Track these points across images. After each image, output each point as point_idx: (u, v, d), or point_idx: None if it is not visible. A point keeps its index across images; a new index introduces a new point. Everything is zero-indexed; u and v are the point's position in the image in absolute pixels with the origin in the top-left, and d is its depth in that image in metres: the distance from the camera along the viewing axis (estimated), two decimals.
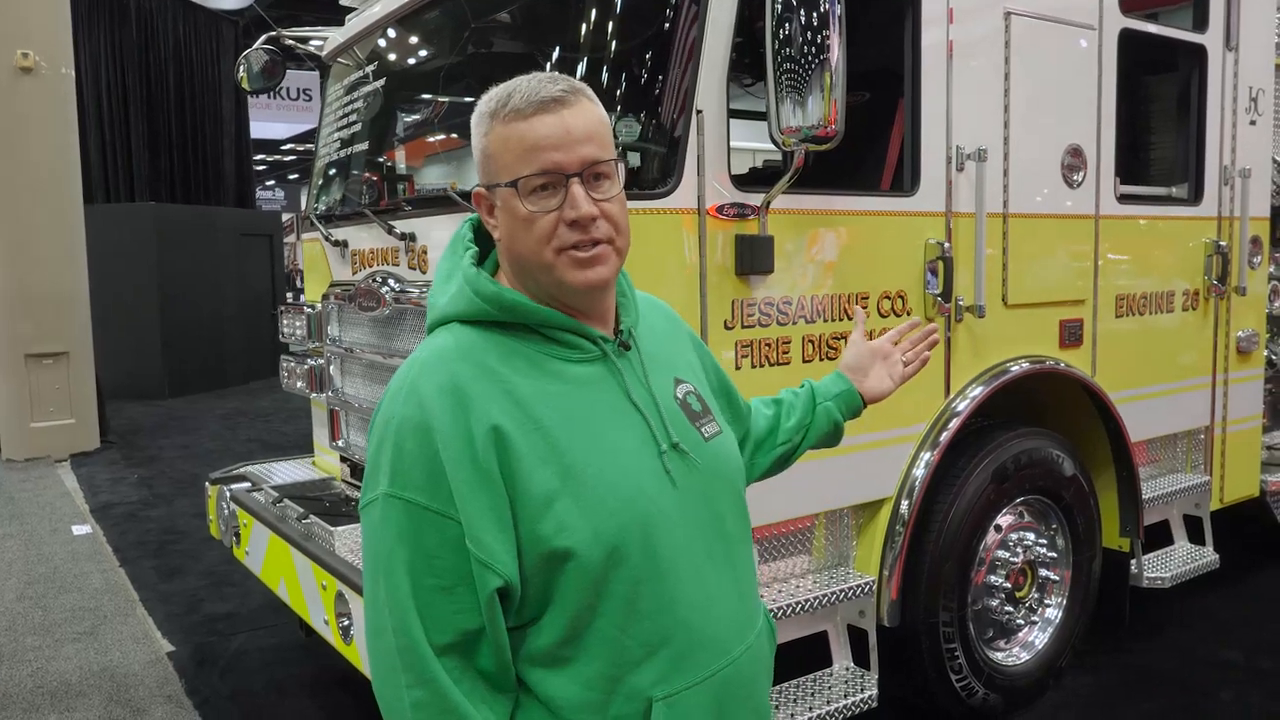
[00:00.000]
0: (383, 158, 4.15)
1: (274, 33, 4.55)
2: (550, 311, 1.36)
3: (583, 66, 2.99)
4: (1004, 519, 3.61)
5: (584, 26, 3.07)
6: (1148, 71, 4.43)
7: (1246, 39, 4.33)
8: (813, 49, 2.47)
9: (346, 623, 2.97)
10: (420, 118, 4.15)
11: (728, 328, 2.87)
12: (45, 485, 8.06)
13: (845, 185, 3.30)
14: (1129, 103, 4.14)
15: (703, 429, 1.46)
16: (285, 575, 3.47)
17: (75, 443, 9.18)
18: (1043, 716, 3.71)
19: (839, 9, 2.46)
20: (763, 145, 2.86)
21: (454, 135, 4.06)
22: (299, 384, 4.25)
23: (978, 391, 3.45)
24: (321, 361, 4.09)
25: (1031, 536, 3.71)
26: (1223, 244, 4.31)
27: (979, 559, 3.52)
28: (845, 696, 3.09)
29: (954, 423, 3.37)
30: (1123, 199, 3.95)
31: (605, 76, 2.96)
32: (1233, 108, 4.34)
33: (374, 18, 3.93)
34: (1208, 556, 4.30)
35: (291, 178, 34.53)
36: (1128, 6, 3.87)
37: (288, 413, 10.95)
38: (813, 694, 3.09)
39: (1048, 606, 3.79)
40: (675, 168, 2.75)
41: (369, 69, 4.07)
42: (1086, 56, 3.75)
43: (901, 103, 3.32)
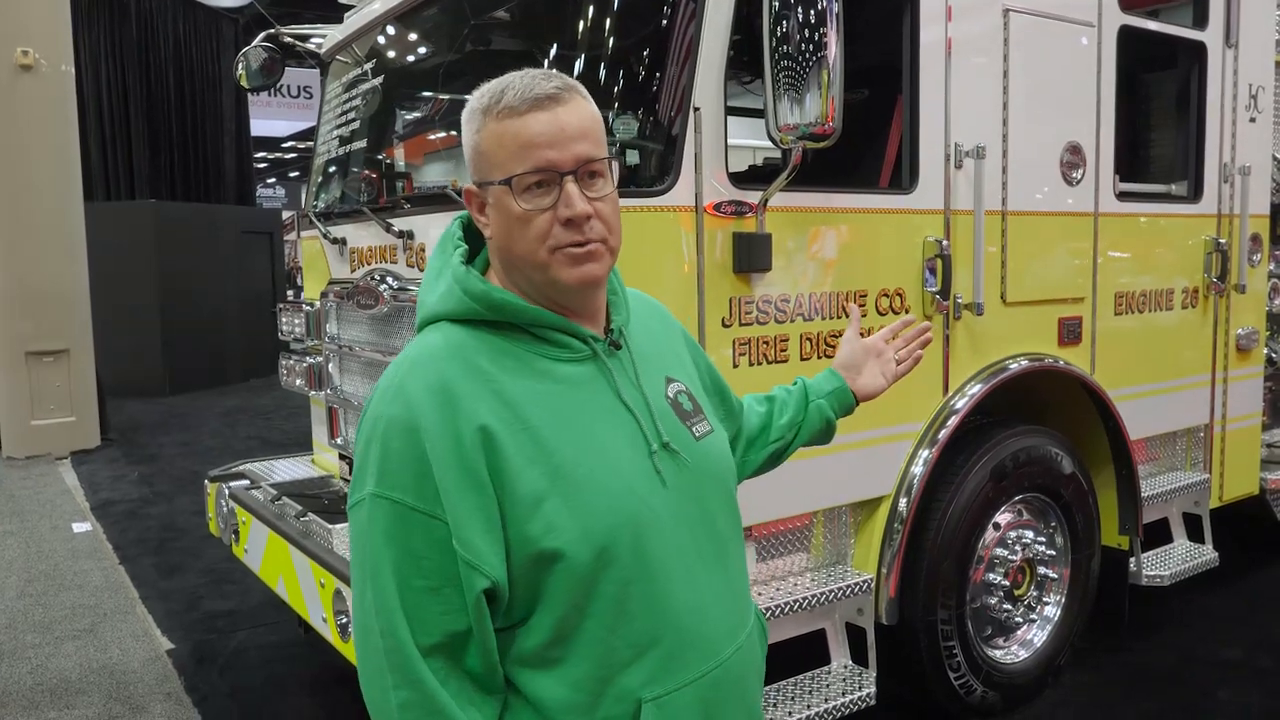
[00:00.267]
0: (381, 155, 4.15)
1: (273, 30, 4.54)
2: (540, 310, 1.35)
3: (581, 64, 2.99)
4: (1002, 517, 3.61)
5: (582, 24, 3.07)
6: (1147, 69, 4.42)
7: (1246, 36, 4.32)
8: (810, 46, 2.47)
9: (344, 620, 2.97)
10: (418, 115, 4.15)
11: (725, 325, 2.87)
12: (46, 483, 8.07)
13: (843, 183, 3.29)
14: (1128, 100, 4.14)
15: (694, 428, 1.45)
16: (284, 573, 3.47)
17: (76, 440, 9.19)
18: (1041, 715, 3.70)
19: (836, 6, 2.46)
20: (762, 143, 2.85)
21: (452, 133, 4.06)
22: (298, 382, 4.25)
23: (976, 389, 3.45)
24: (320, 359, 4.09)
25: (1030, 534, 3.70)
26: (1222, 241, 4.30)
27: (977, 557, 3.52)
28: (843, 694, 3.09)
29: (952, 420, 3.37)
30: (1122, 196, 3.94)
31: (603, 74, 2.96)
32: (1232, 105, 4.34)
33: (373, 15, 3.93)
34: (1207, 554, 4.30)
35: (292, 175, 34.49)
36: (1127, 4, 3.86)
37: (288, 410, 10.95)
38: (810, 692, 3.10)
39: (1046, 604, 3.79)
40: (673, 165, 2.74)
41: (367, 66, 4.06)
42: (1085, 54, 3.74)
43: (900, 100, 3.32)
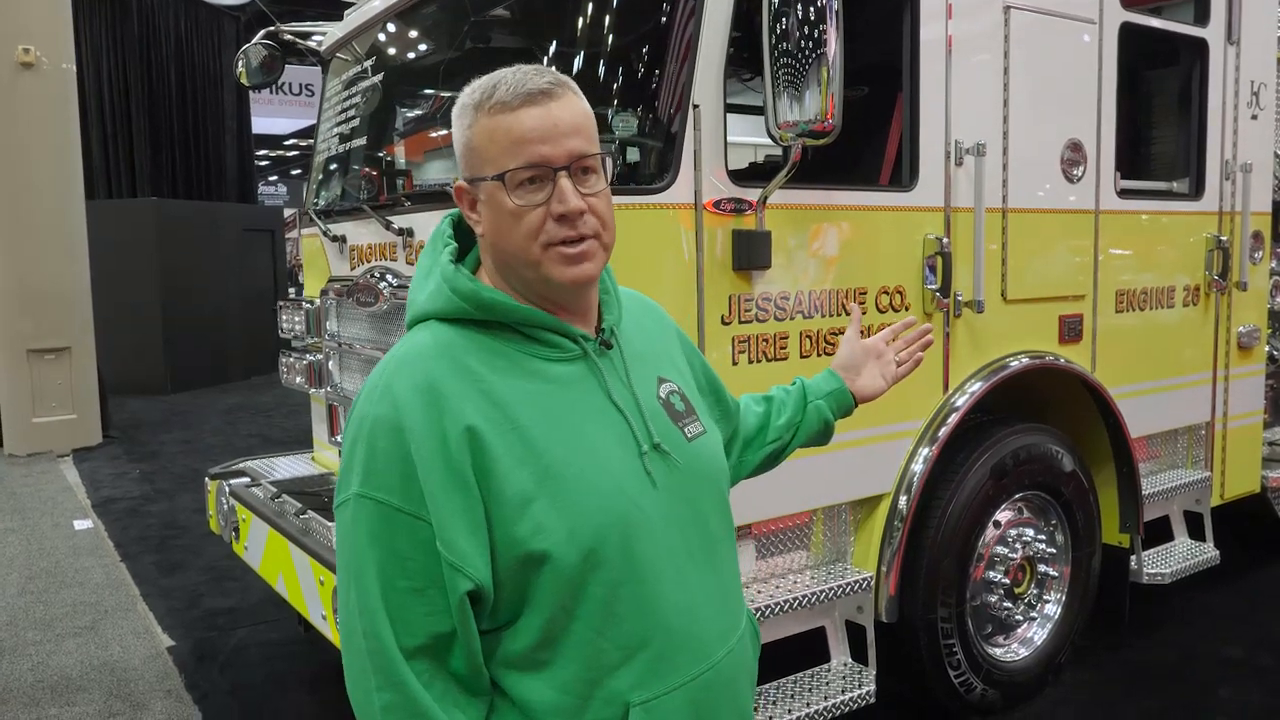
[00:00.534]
0: (381, 153, 4.15)
1: (273, 28, 4.54)
2: (530, 310, 1.33)
3: (580, 60, 2.98)
4: (1003, 515, 3.60)
5: (581, 21, 3.06)
6: (1148, 65, 4.41)
7: (1248, 33, 4.31)
8: (810, 43, 2.46)
9: None
10: (418, 113, 4.14)
11: (725, 323, 2.86)
12: (47, 480, 8.08)
13: (843, 180, 3.29)
14: (1130, 97, 4.13)
15: (685, 429, 1.43)
16: (284, 570, 3.47)
17: (77, 438, 9.20)
18: (1042, 713, 3.70)
19: (836, 3, 2.45)
20: (764, 140, 2.84)
21: (452, 130, 4.05)
22: (298, 379, 4.25)
23: (976, 387, 3.44)
24: (320, 357, 4.09)
25: (1031, 532, 3.70)
26: (1224, 239, 4.29)
27: (978, 555, 3.51)
28: (843, 692, 3.09)
29: (953, 418, 3.37)
30: (1123, 194, 3.94)
31: (602, 70, 2.96)
32: (1234, 102, 4.33)
33: (372, 12, 3.92)
34: (1208, 552, 4.29)
35: (294, 173, 34.49)
36: (1129, 1, 3.85)
37: (289, 408, 10.96)
38: (810, 690, 3.10)
39: (1047, 602, 3.79)
40: (672, 163, 2.74)
41: (367, 64, 4.06)
42: (1087, 51, 3.73)
43: (900, 97, 3.31)
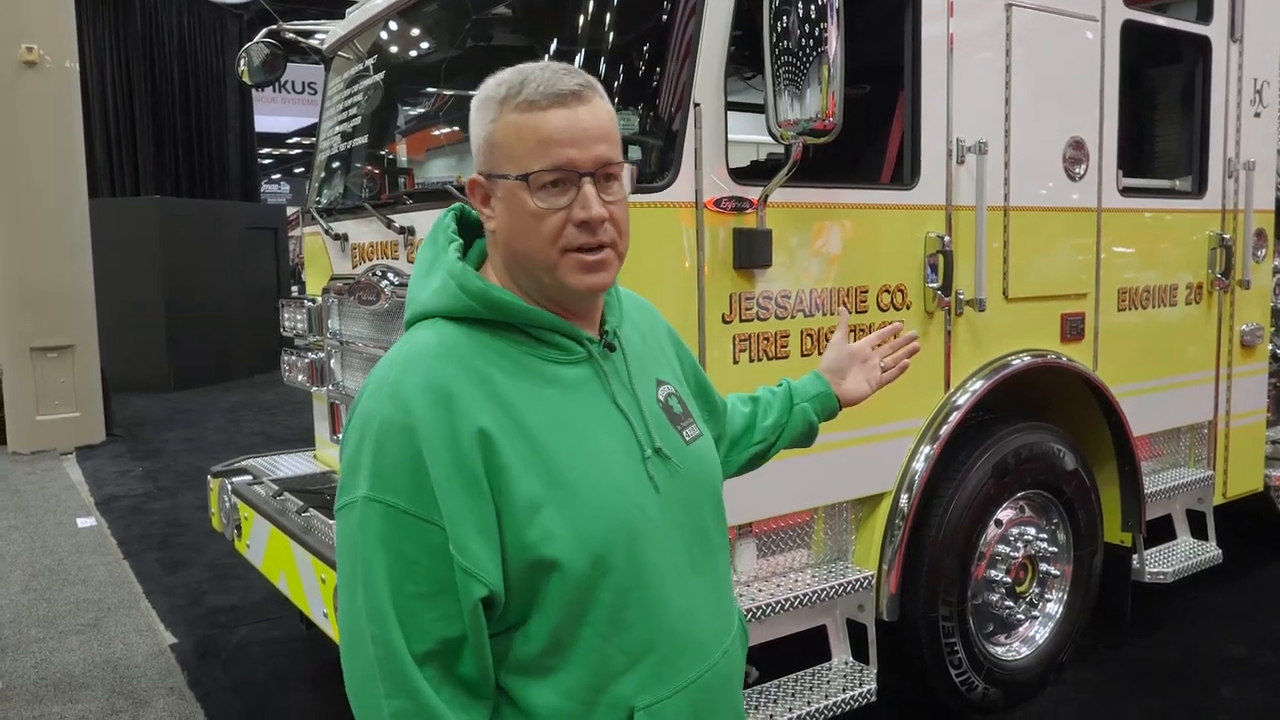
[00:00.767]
0: (383, 151, 4.15)
1: (275, 26, 4.54)
2: (540, 311, 1.31)
3: (581, 58, 2.98)
4: (1004, 514, 3.60)
5: (583, 18, 3.06)
6: (1151, 63, 4.40)
7: (1251, 30, 4.30)
8: (810, 41, 2.46)
9: None
10: (420, 111, 4.14)
11: (726, 321, 2.86)
12: (50, 478, 8.10)
13: (845, 178, 3.29)
14: (1132, 95, 4.12)
15: (684, 432, 1.43)
16: (285, 568, 3.48)
17: (80, 435, 9.22)
18: (1044, 712, 3.70)
19: (837, 1, 2.45)
20: (765, 138, 2.84)
21: (454, 129, 4.06)
22: (300, 377, 4.25)
23: (978, 385, 3.44)
24: (322, 355, 4.09)
25: (1032, 531, 3.70)
26: (1226, 237, 4.29)
27: (979, 554, 3.51)
28: (844, 691, 3.09)
29: (954, 417, 3.36)
30: (1125, 192, 3.93)
31: (604, 69, 2.95)
32: (1237, 100, 4.32)
33: (374, 11, 3.92)
34: (1210, 551, 4.29)
35: (297, 171, 34.51)
36: None
37: (292, 406, 10.97)
38: (811, 688, 3.09)
39: (1049, 601, 3.78)
40: (673, 161, 2.74)
41: (369, 62, 4.06)
42: (1089, 49, 3.73)
43: (902, 95, 3.30)
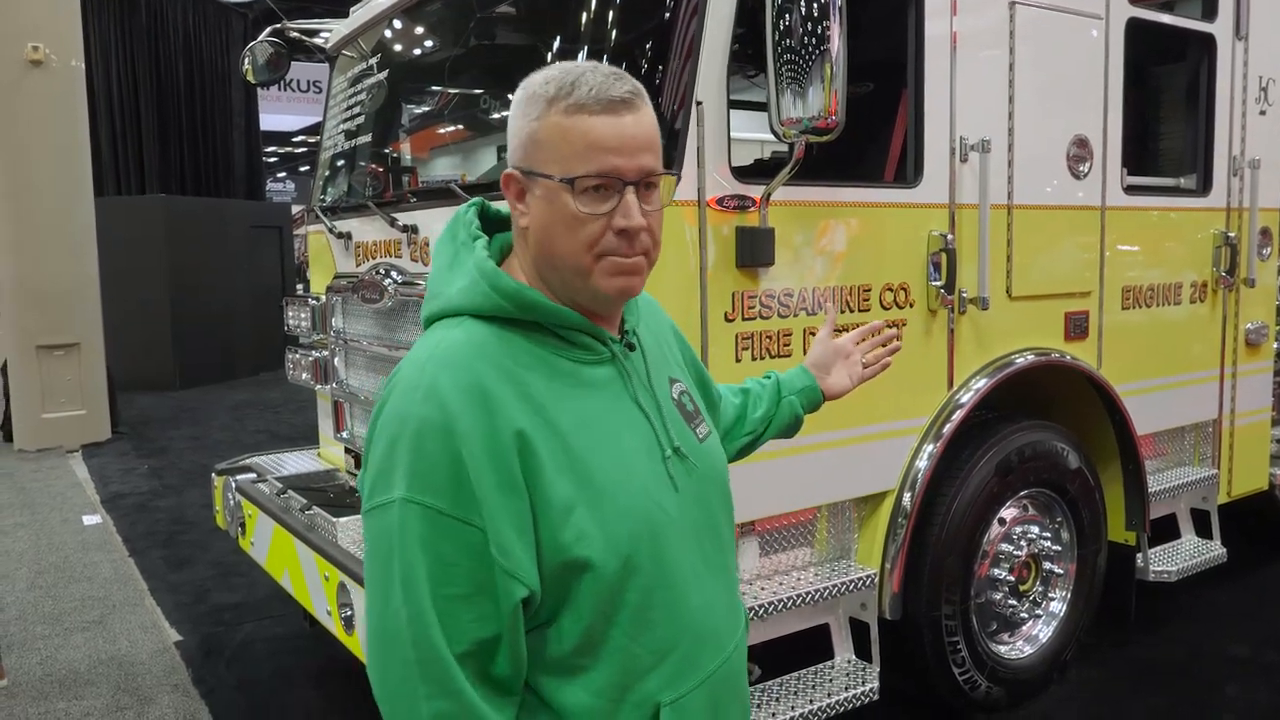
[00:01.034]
0: (387, 150, 4.16)
1: (279, 25, 4.55)
2: (569, 311, 1.31)
3: (583, 57, 2.98)
4: (1008, 512, 3.60)
5: (585, 17, 3.07)
6: (1156, 61, 4.39)
7: (1257, 28, 4.28)
8: (813, 40, 2.45)
9: (349, 613, 2.98)
10: (424, 110, 4.15)
11: (728, 320, 2.86)
12: (56, 475, 8.12)
13: (848, 177, 3.28)
14: (1136, 92, 4.11)
15: (697, 430, 1.45)
16: (289, 566, 3.49)
17: (86, 433, 9.24)
18: (1047, 710, 3.69)
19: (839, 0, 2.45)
20: (769, 137, 2.84)
21: (457, 127, 4.06)
22: (304, 375, 4.26)
23: (981, 384, 3.43)
24: (326, 353, 4.10)
25: (1036, 530, 3.69)
26: (1231, 235, 4.27)
27: (982, 552, 3.50)
28: (846, 689, 3.09)
29: (957, 415, 3.36)
30: (1130, 190, 3.92)
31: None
32: (1242, 97, 4.30)
33: (378, 9, 3.93)
34: (1215, 550, 4.28)
35: (302, 170, 34.56)
36: None
37: (297, 404, 10.99)
38: (814, 686, 3.10)
39: (1052, 600, 3.78)
40: (675, 160, 2.73)
41: (373, 61, 4.07)
42: (1093, 46, 3.71)
43: (905, 93, 3.30)
